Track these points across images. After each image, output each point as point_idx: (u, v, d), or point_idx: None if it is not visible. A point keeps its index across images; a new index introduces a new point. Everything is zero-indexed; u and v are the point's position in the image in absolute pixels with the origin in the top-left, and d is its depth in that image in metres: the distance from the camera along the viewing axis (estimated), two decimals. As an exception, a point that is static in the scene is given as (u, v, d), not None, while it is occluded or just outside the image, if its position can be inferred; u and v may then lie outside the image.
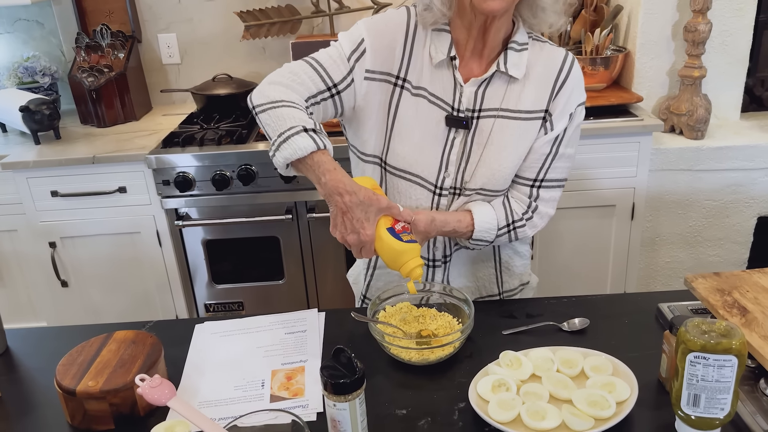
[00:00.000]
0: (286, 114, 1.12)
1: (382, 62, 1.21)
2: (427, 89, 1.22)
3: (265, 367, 1.14)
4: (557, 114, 1.22)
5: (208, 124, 2.43)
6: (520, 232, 1.27)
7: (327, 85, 1.19)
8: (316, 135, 1.10)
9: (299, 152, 1.08)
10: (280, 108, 1.13)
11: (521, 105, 1.21)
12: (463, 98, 1.21)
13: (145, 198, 2.31)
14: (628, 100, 2.35)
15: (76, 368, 1.03)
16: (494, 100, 1.22)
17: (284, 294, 2.48)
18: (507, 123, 1.21)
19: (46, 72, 2.70)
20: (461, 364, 1.11)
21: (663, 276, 2.57)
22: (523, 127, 1.22)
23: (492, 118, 1.22)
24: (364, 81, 1.21)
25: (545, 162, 1.25)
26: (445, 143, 1.23)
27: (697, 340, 0.85)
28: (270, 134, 1.14)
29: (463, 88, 1.21)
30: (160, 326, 1.28)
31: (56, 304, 2.50)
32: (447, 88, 1.22)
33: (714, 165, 2.35)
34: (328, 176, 1.08)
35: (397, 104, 1.22)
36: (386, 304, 1.23)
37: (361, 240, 1.08)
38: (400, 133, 1.23)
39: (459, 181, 1.24)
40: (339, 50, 1.20)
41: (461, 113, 1.22)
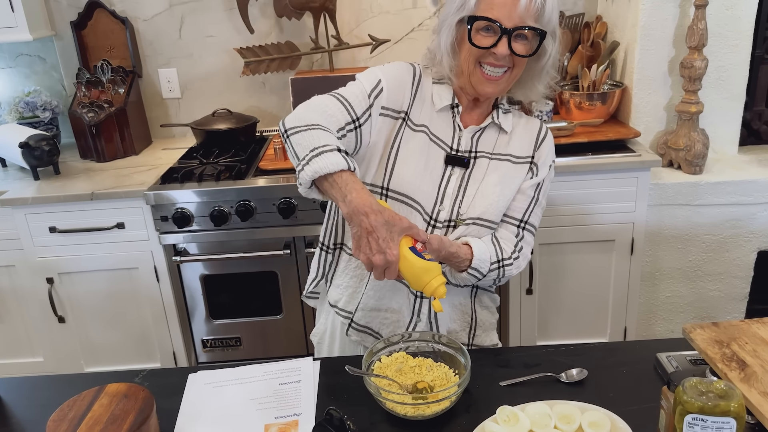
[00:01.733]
0: (321, 135, 1.17)
1: (394, 101, 1.31)
2: (428, 127, 1.32)
3: (258, 420, 1.12)
4: (540, 162, 1.37)
5: (208, 159, 2.43)
6: (507, 270, 1.33)
7: (352, 118, 1.25)
8: (348, 157, 1.14)
9: (330, 167, 1.11)
10: (316, 130, 1.18)
11: (510, 151, 1.36)
12: (462, 141, 1.33)
13: (144, 234, 2.31)
14: (625, 135, 2.35)
15: (67, 425, 1.01)
16: (487, 146, 1.35)
17: (282, 329, 2.46)
18: (500, 164, 1.34)
19: (47, 107, 2.72)
20: (458, 419, 1.10)
21: (663, 311, 2.55)
22: (514, 168, 1.35)
23: (487, 159, 1.34)
24: (379, 117, 1.30)
25: (530, 204, 1.36)
26: (442, 177, 1.32)
27: (695, 401, 0.84)
28: (299, 152, 1.16)
29: (462, 133, 1.33)
30: (154, 375, 1.27)
31: (53, 340, 2.48)
32: (447, 131, 1.34)
33: (713, 200, 2.35)
34: (354, 194, 1.10)
35: (401, 137, 1.31)
36: (381, 354, 1.21)
37: (388, 260, 1.08)
38: (404, 160, 1.30)
39: (455, 213, 1.31)
40: (361, 87, 1.29)
41: (459, 153, 1.33)
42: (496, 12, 1.20)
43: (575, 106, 2.46)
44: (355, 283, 1.38)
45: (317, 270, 1.48)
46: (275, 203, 2.23)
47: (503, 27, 1.20)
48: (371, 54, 2.65)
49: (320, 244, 1.46)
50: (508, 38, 1.21)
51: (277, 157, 2.37)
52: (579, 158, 2.24)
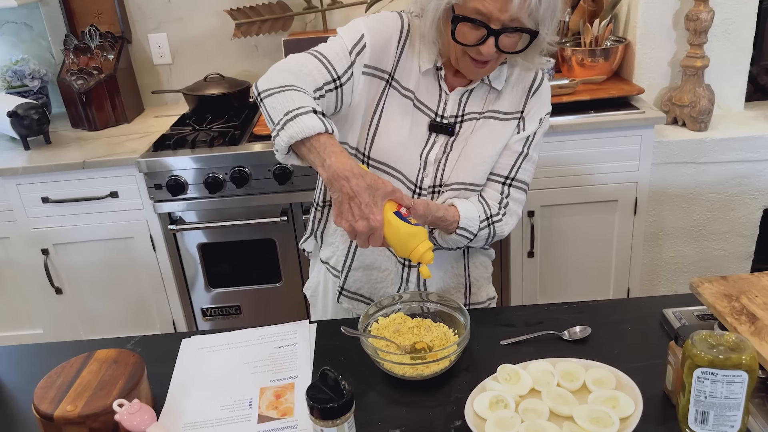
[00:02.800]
0: (295, 96, 1.09)
1: (378, 59, 1.21)
2: (414, 93, 1.24)
3: (253, 384, 1.10)
4: (530, 117, 1.28)
5: (201, 126, 2.38)
6: (497, 227, 1.27)
7: (332, 77, 1.17)
8: (325, 119, 1.07)
9: (306, 131, 1.04)
10: (289, 91, 1.10)
11: (499, 107, 1.27)
12: (448, 106, 1.25)
13: (138, 203, 2.27)
14: (629, 92, 2.29)
15: (55, 391, 0.99)
16: (476, 106, 1.27)
17: (282, 297, 2.44)
18: (486, 122, 1.26)
19: (36, 75, 2.65)
20: (458, 378, 1.07)
21: (667, 271, 2.52)
22: (501, 125, 1.27)
23: (473, 120, 1.26)
24: (362, 75, 1.21)
25: (517, 160, 1.28)
26: (425, 144, 1.25)
27: (705, 355, 0.80)
28: (274, 116, 1.09)
29: (449, 96, 1.25)
30: (146, 342, 1.24)
31: (51, 312, 2.46)
32: (432, 95, 1.25)
33: (718, 157, 2.30)
34: (333, 158, 1.03)
35: (385, 101, 1.23)
36: (379, 316, 1.18)
37: (371, 226, 1.02)
38: (387, 127, 1.23)
39: (438, 179, 1.26)
40: (341, 44, 1.20)
41: (444, 119, 1.25)
42: (488, 5, 1.07)
43: (577, 63, 2.40)
44: (343, 241, 1.34)
45: (309, 227, 1.44)
46: (270, 169, 2.18)
47: (490, 27, 1.09)
48: (366, 13, 2.57)
49: (313, 201, 1.42)
50: (495, 38, 1.10)
51: (271, 122, 2.32)
52: (581, 117, 2.18)
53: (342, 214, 1.03)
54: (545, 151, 2.20)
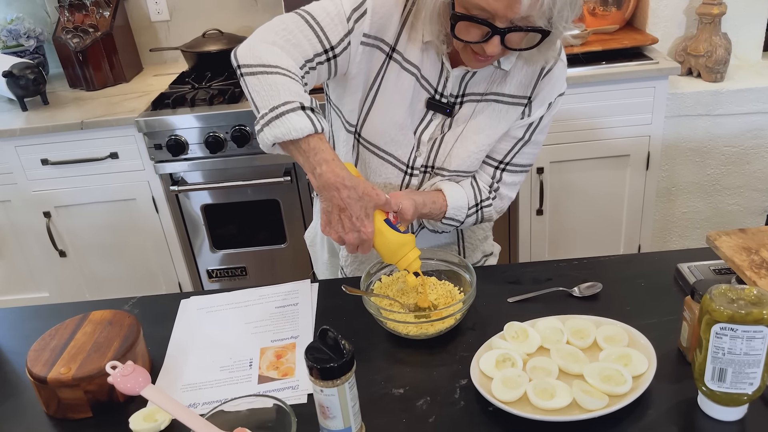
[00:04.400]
0: (280, 84, 0.98)
1: (380, 27, 1.09)
2: (416, 65, 1.12)
3: (253, 344, 1.07)
4: (537, 101, 1.16)
5: (200, 83, 2.32)
6: (486, 212, 1.22)
7: (324, 48, 1.06)
8: (314, 115, 0.97)
9: (294, 133, 0.95)
10: (274, 75, 0.99)
11: (506, 89, 1.14)
12: (449, 83, 1.13)
13: (138, 163, 2.23)
14: (642, 42, 2.20)
15: (48, 354, 0.96)
16: (479, 86, 1.14)
17: (288, 258, 2.41)
18: (489, 105, 1.15)
19: (31, 34, 2.59)
20: (463, 337, 1.03)
21: (679, 227, 2.47)
22: (505, 109, 1.15)
23: (474, 103, 1.15)
24: (360, 45, 1.08)
25: (515, 146, 1.19)
26: (420, 122, 1.16)
27: (724, 310, 0.76)
28: (258, 104, 0.99)
29: (450, 74, 1.12)
30: (144, 303, 1.21)
31: (56, 275, 2.45)
32: (434, 70, 1.13)
33: (734, 109, 2.22)
34: (325, 167, 0.96)
35: (383, 76, 1.12)
36: (382, 274, 1.14)
37: (362, 239, 0.98)
38: (383, 106, 1.13)
39: (431, 159, 1.18)
40: (338, 7, 1.06)
41: (443, 98, 1.14)
42: (492, 3, 0.93)
43: (588, 12, 2.30)
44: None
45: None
46: (272, 127, 2.12)
47: (495, 26, 0.95)
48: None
49: None
50: (501, 37, 0.97)
51: (272, 79, 2.25)
52: (592, 68, 2.10)
53: (331, 224, 0.99)
54: (555, 105, 2.13)
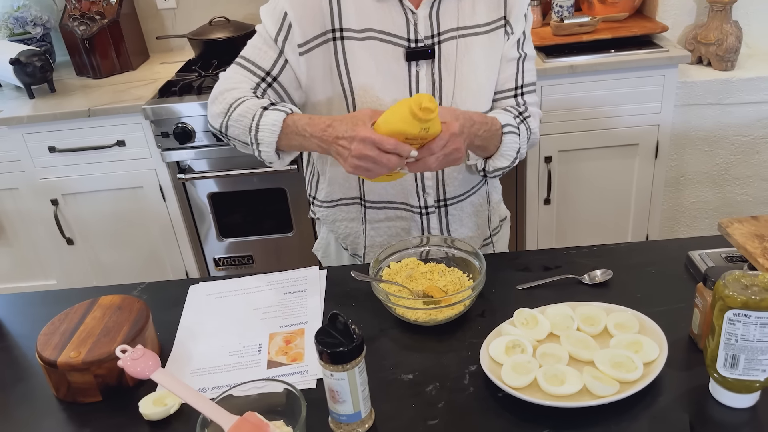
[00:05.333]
0: (241, 110, 1.09)
1: (312, 27, 1.10)
2: (375, 29, 1.11)
3: (262, 330, 1.07)
4: (513, 17, 1.16)
5: (207, 71, 2.31)
6: (530, 123, 1.19)
7: (260, 76, 1.13)
8: (277, 105, 1.06)
9: (275, 128, 1.05)
10: (235, 111, 1.10)
11: (477, 19, 1.14)
12: (419, 26, 1.11)
13: (145, 151, 2.23)
14: (652, 30, 2.18)
15: (58, 338, 0.96)
16: (450, 21, 1.13)
17: (294, 247, 2.41)
18: (470, 40, 1.14)
19: (38, 22, 2.58)
20: (472, 324, 1.03)
21: (687, 217, 2.45)
22: (487, 39, 1.15)
23: (453, 40, 1.14)
24: (300, 57, 1.12)
25: (518, 66, 1.19)
26: (409, 81, 1.14)
27: (738, 296, 0.75)
28: (244, 139, 1.10)
29: (416, 15, 1.11)
30: (152, 288, 1.21)
31: (64, 262, 2.46)
32: (397, 20, 1.11)
33: (744, 98, 2.20)
34: (309, 129, 1.03)
35: (345, 58, 1.12)
36: (390, 261, 1.14)
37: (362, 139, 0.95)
38: (363, 86, 1.12)
39: None
40: (263, 35, 1.13)
41: (420, 43, 1.12)
42: None
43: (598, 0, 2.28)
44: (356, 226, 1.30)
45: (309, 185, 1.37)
46: (279, 115, 2.12)
47: None
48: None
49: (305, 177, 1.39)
50: None
51: (279, 67, 2.24)
52: (601, 56, 2.09)
53: (346, 161, 0.99)
54: (562, 93, 2.12)
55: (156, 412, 0.89)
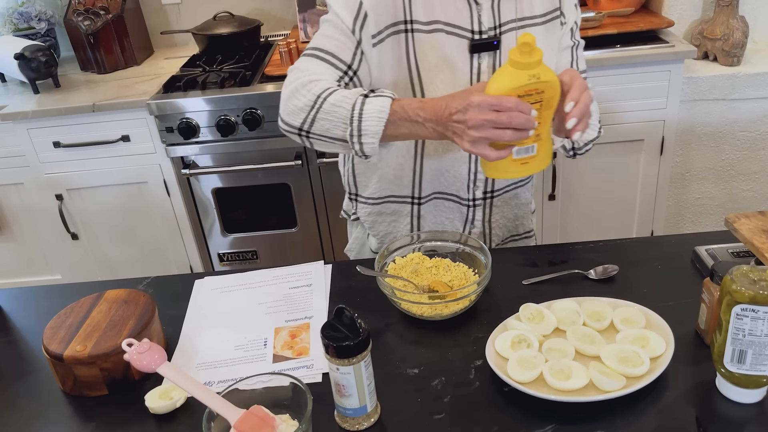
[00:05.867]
0: (335, 101, 1.00)
1: (385, 17, 1.06)
2: (440, 20, 1.08)
3: (267, 324, 1.07)
4: (566, 7, 1.16)
5: (211, 66, 2.31)
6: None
7: (343, 69, 1.06)
8: (378, 91, 0.98)
9: (382, 114, 0.96)
10: (324, 103, 1.01)
11: (535, 10, 1.13)
12: (483, 18, 1.09)
13: (150, 146, 2.23)
14: (657, 26, 2.17)
15: (65, 331, 0.96)
16: (509, 12, 1.11)
17: (298, 242, 2.41)
18: (529, 31, 1.12)
19: (42, 17, 2.58)
20: (478, 319, 1.03)
21: (692, 213, 2.44)
22: (545, 30, 1.14)
23: (513, 31, 1.12)
24: (373, 48, 1.06)
25: (573, 54, 1.19)
26: (470, 74, 1.11)
27: (746, 291, 0.75)
28: (338, 135, 1.01)
29: (481, 6, 1.09)
30: (158, 282, 1.21)
31: (68, 257, 2.46)
32: (461, 11, 1.08)
33: (750, 93, 2.19)
34: (422, 113, 0.96)
35: (414, 51, 1.08)
36: (396, 256, 1.14)
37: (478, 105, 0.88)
38: (432, 80, 1.09)
39: None
40: (338, 25, 1.05)
41: (484, 34, 1.10)
42: None
43: (603, -6, 2.27)
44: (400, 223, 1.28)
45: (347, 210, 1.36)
46: (284, 110, 2.11)
47: None
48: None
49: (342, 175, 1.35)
50: None
51: (283, 62, 2.24)
52: (607, 51, 2.08)
53: (461, 135, 0.92)
54: (568, 89, 2.10)
55: (162, 406, 0.89)
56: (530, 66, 0.87)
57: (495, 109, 0.87)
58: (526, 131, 0.89)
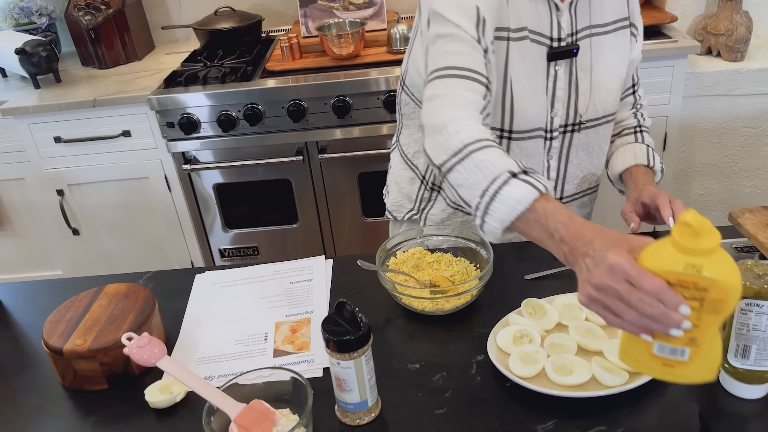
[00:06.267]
0: (480, 162, 0.87)
1: (494, 23, 0.99)
2: (528, 27, 1.03)
3: (268, 319, 1.06)
4: (636, 18, 1.13)
5: (212, 61, 2.30)
6: (645, 116, 1.27)
7: (485, 84, 0.97)
8: (529, 177, 0.85)
9: (518, 206, 0.82)
10: (469, 157, 0.88)
11: (606, 17, 1.09)
12: (563, 23, 1.04)
13: (151, 142, 2.22)
14: (661, 20, 2.16)
15: (64, 326, 0.96)
16: (584, 18, 1.07)
17: (299, 238, 2.40)
18: (601, 39, 1.09)
19: (43, 12, 2.58)
20: (479, 314, 1.02)
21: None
22: (614, 39, 1.10)
23: (587, 38, 1.08)
24: (491, 55, 1.00)
25: (636, 68, 1.22)
26: (547, 81, 1.07)
27: (751, 285, 0.74)
28: (464, 193, 0.90)
29: (561, 12, 1.04)
30: (159, 277, 1.20)
31: (70, 253, 2.46)
32: (542, 17, 1.03)
33: (754, 89, 2.18)
34: (562, 230, 0.79)
35: (509, 64, 1.03)
36: (397, 250, 1.13)
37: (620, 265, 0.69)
38: (520, 90, 1.05)
39: (571, 116, 1.11)
40: (463, 37, 0.96)
41: (562, 41, 1.06)
42: None
43: (606, -11, 2.26)
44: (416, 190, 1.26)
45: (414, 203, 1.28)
46: (284, 106, 2.11)
47: None
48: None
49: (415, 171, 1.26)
50: None
51: (284, 58, 2.24)
52: (609, 46, 2.07)
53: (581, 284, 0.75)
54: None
55: (162, 400, 0.88)
56: (690, 252, 0.67)
57: (629, 281, 0.68)
58: (662, 326, 0.68)
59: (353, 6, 2.36)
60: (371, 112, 2.12)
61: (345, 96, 2.08)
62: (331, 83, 2.07)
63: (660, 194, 1.03)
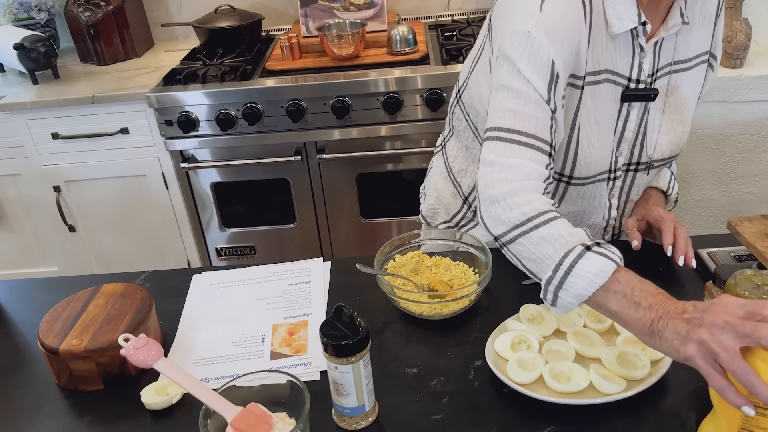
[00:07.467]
0: (548, 236, 0.83)
1: (573, 69, 0.93)
2: (607, 69, 0.97)
3: (265, 321, 1.06)
4: (716, 46, 1.05)
5: (211, 60, 2.30)
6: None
7: (548, 152, 0.91)
8: (603, 248, 0.81)
9: (598, 279, 0.79)
10: (535, 231, 0.85)
11: (690, 52, 1.02)
12: (645, 65, 0.98)
13: (149, 139, 2.22)
14: (661, 26, 2.16)
15: (60, 325, 0.95)
16: (666, 56, 1.00)
17: (297, 238, 2.40)
18: (679, 76, 1.03)
19: (42, 7, 2.57)
20: (477, 319, 1.02)
21: (692, 215, 2.44)
22: (692, 75, 1.04)
23: (666, 76, 1.02)
24: (560, 112, 0.94)
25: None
26: (617, 122, 1.01)
27: (750, 295, 0.74)
28: (531, 267, 0.86)
29: (645, 53, 0.97)
30: (156, 277, 1.20)
31: (66, 249, 2.45)
32: (624, 57, 0.96)
33: (752, 96, 2.18)
34: (650, 299, 0.77)
35: (580, 109, 0.97)
36: (396, 254, 1.13)
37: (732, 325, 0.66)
38: (589, 140, 0.99)
39: (635, 156, 1.06)
40: (532, 97, 0.89)
41: (641, 83, 0.99)
42: None
43: (606, -6, 2.26)
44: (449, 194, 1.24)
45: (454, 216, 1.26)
46: (283, 106, 2.11)
47: None
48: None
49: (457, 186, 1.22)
50: None
51: (284, 57, 2.23)
52: (609, 51, 2.07)
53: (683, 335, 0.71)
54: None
55: (158, 402, 0.88)
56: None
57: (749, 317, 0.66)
58: None
59: (354, 6, 2.35)
60: (370, 113, 2.12)
61: (344, 96, 2.08)
62: (331, 83, 2.07)
63: (666, 219, 1.03)
